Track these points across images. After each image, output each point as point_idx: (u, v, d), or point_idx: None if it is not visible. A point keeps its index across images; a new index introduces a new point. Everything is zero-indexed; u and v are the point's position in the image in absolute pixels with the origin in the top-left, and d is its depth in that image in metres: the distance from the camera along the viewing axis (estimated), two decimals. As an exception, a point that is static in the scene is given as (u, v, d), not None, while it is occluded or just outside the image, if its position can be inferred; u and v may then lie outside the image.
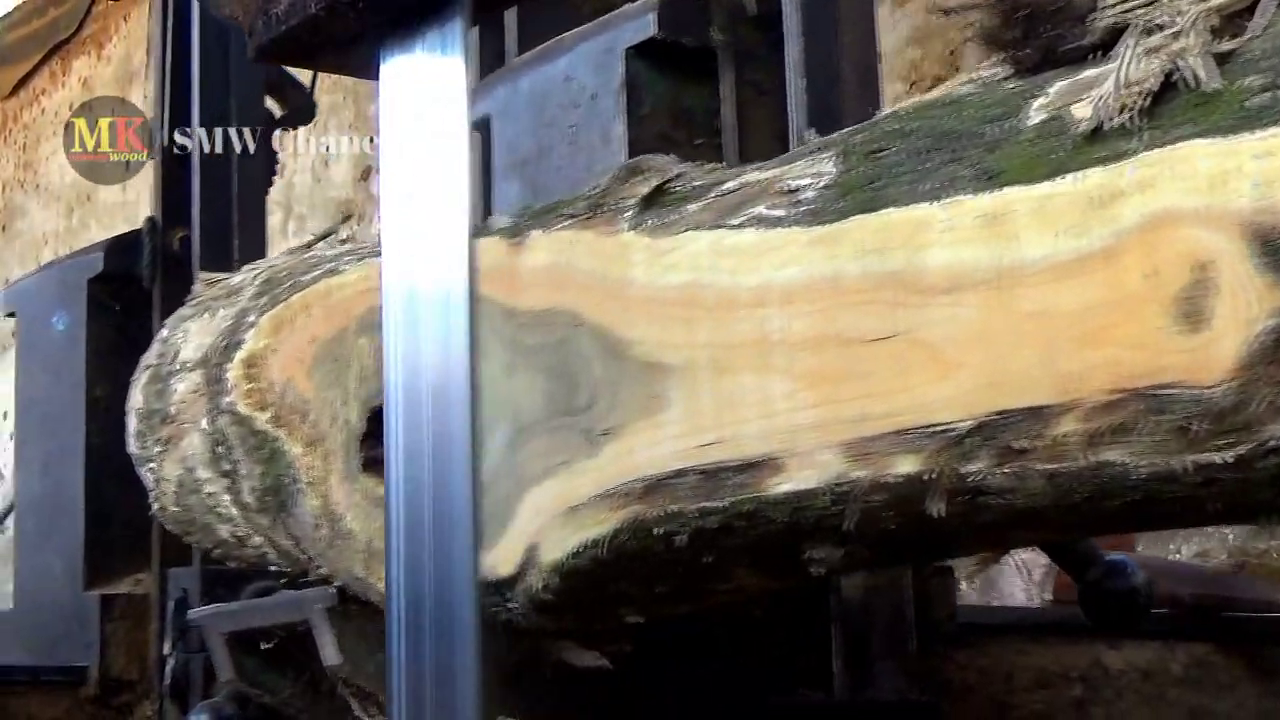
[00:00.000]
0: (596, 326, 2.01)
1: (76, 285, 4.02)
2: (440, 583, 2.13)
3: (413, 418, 2.21)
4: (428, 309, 2.23)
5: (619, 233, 2.01)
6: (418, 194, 2.33)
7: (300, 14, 2.48)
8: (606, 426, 1.99)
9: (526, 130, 3.02)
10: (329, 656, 2.48)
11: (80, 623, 3.92)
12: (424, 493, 2.21)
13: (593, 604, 2.11)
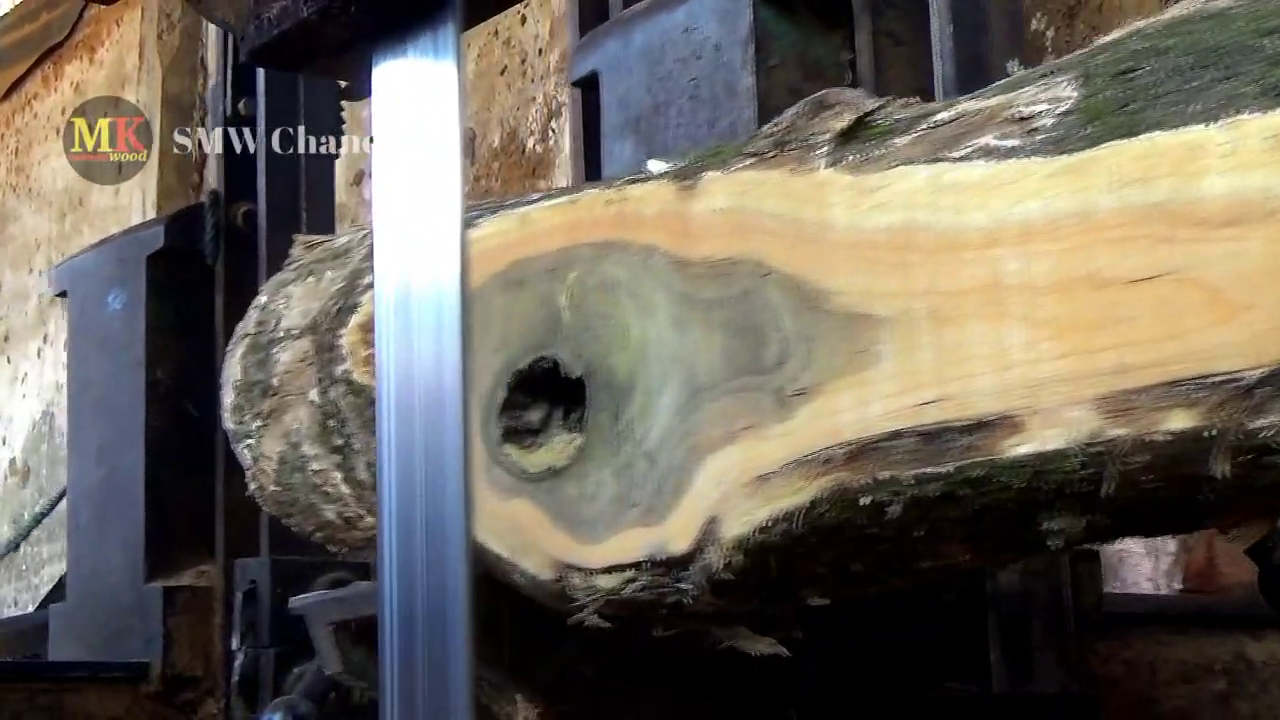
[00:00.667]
0: (787, 276, 1.82)
1: (134, 262, 3.83)
2: (433, 586, 2.13)
3: (405, 420, 2.18)
4: (421, 313, 2.20)
5: (814, 171, 1.81)
6: (410, 198, 2.29)
7: (292, 18, 2.43)
8: (801, 386, 1.79)
9: (640, 85, 2.83)
10: None
11: (141, 617, 3.72)
12: (416, 497, 2.18)
13: (777, 584, 1.91)
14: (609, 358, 2.00)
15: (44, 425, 9.08)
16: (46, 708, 3.56)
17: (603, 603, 2.00)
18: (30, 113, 9.96)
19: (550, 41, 6.14)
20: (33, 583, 8.77)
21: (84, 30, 9.38)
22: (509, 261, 2.13)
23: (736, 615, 2.00)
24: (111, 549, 3.82)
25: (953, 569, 1.92)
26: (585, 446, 2.03)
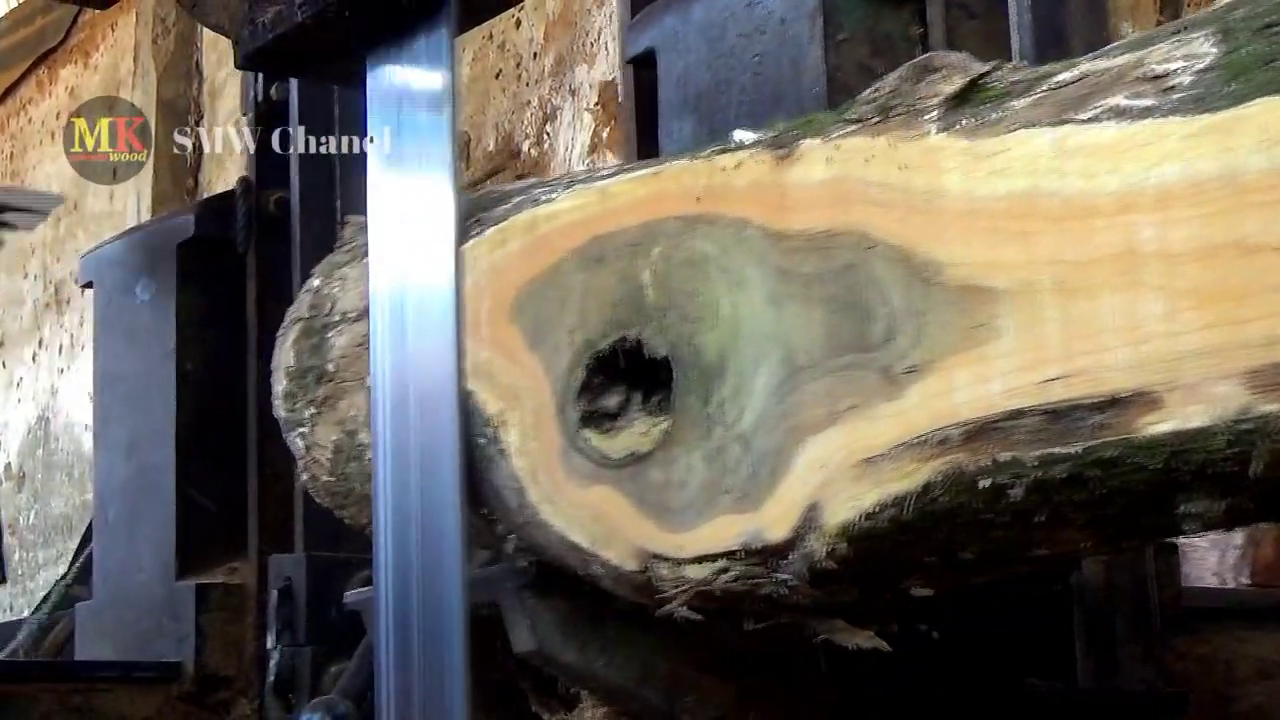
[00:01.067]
0: (895, 248, 1.72)
1: (164, 251, 3.72)
2: (428, 592, 2.23)
3: (400, 425, 2.27)
4: (415, 317, 2.29)
5: (924, 137, 1.71)
6: (405, 203, 2.37)
7: (286, 23, 2.51)
8: (912, 363, 1.69)
9: (701, 63, 2.73)
10: (520, 642, 2.19)
11: (172, 615, 3.62)
12: (412, 500, 2.28)
13: (880, 574, 1.81)
14: (697, 337, 1.91)
15: (39, 430, 8.99)
16: (77, 708, 3.46)
17: (692, 594, 1.90)
18: (25, 117, 9.89)
19: (545, 45, 6.06)
20: (28, 587, 8.67)
21: (78, 35, 9.34)
22: (588, 237, 2.04)
23: (833, 607, 1.90)
24: (141, 546, 3.72)
25: (1067, 557, 1.83)
26: (672, 430, 1.93)
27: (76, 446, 8.95)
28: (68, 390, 9.11)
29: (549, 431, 2.05)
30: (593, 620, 2.20)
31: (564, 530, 2.03)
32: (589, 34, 5.83)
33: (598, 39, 5.80)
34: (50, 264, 9.50)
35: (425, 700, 2.31)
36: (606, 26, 5.73)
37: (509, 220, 2.13)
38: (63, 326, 9.24)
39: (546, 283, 2.07)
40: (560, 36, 5.95)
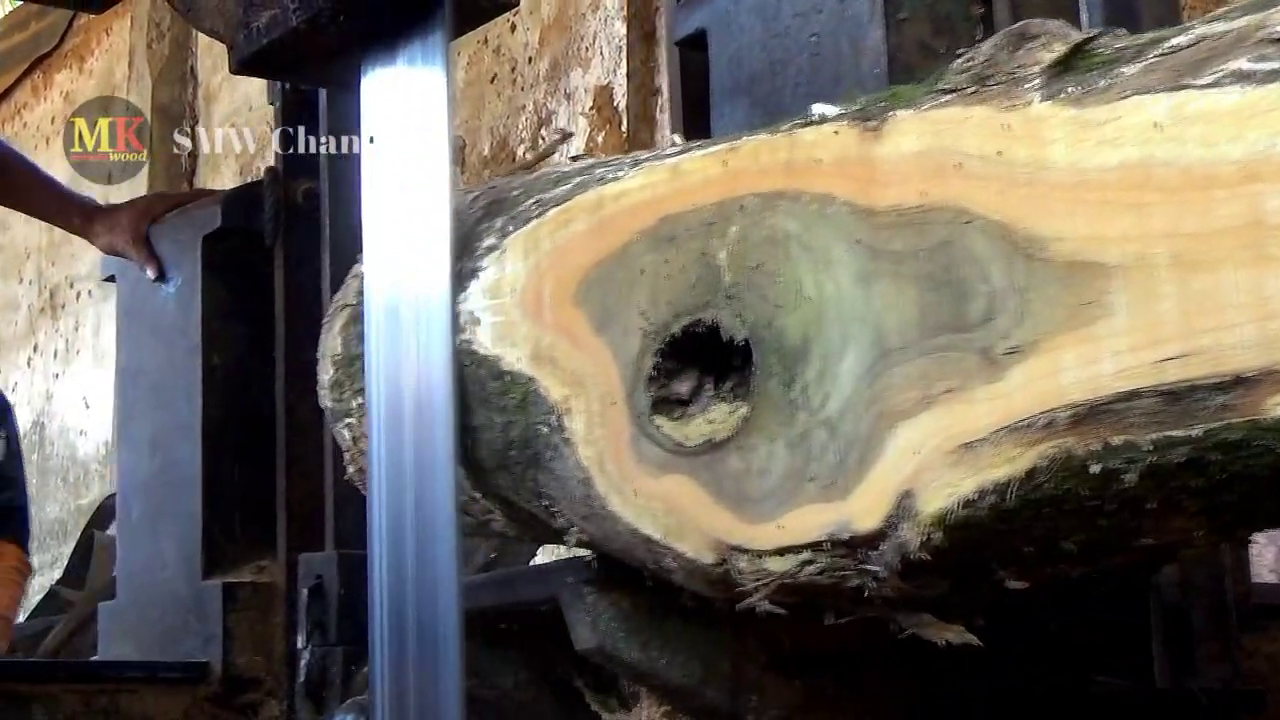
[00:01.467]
0: (994, 222, 1.64)
1: (189, 243, 3.63)
2: (422, 596, 2.23)
3: (394, 428, 2.27)
4: (410, 320, 2.28)
5: (1026, 106, 1.63)
6: (399, 207, 2.37)
7: (281, 27, 2.50)
8: (1014, 344, 1.61)
9: (755, 43, 2.64)
10: (582, 639, 2.11)
11: (199, 615, 3.53)
12: (407, 505, 2.27)
13: (974, 565, 1.74)
14: (778, 319, 1.82)
15: (34, 435, 8.93)
16: (103, 710, 3.38)
17: (774, 588, 1.82)
18: (20, 122, 9.84)
19: (540, 49, 6.00)
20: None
21: (73, 39, 9.31)
22: (658, 217, 1.96)
23: (921, 601, 1.82)
24: (166, 545, 3.63)
25: (1173, 547, 1.74)
26: (751, 416, 1.85)
27: (71, 451, 8.90)
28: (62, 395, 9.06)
29: (617, 419, 1.96)
30: (654, 617, 2.12)
31: (634, 522, 1.95)
32: (584, 38, 5.78)
33: (593, 43, 5.75)
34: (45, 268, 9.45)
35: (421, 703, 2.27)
36: (601, 31, 5.68)
37: (573, 200, 2.05)
38: (58, 331, 9.19)
39: (614, 264, 1.99)
40: (555, 41, 5.90)
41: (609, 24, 5.76)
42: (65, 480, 8.89)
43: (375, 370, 2.32)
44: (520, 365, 2.08)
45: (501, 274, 2.11)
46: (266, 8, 2.54)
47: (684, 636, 2.15)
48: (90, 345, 8.90)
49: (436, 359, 2.23)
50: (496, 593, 2.36)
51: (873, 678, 2.21)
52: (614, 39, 5.73)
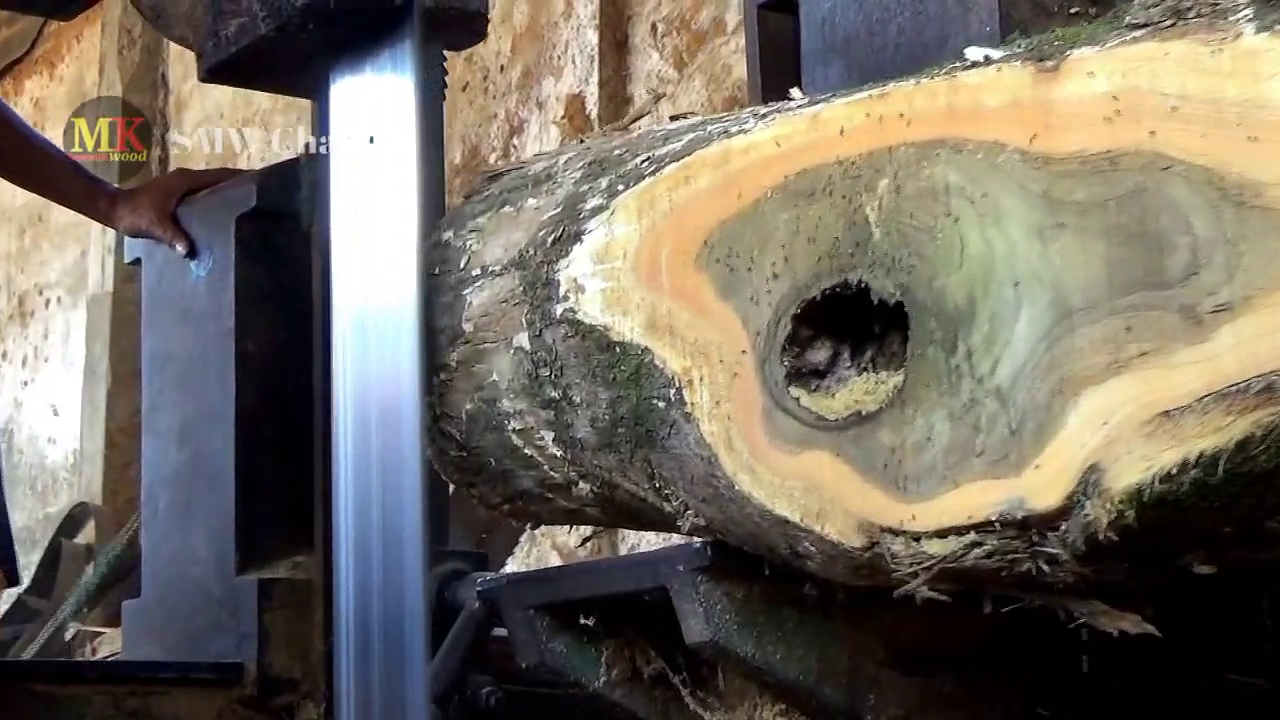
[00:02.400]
0: (1198, 167, 1.49)
1: (222, 224, 3.45)
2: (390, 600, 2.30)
3: (361, 445, 2.32)
4: (377, 330, 2.32)
5: (1236, 38, 1.47)
6: (368, 215, 2.42)
7: (250, 35, 2.53)
8: (1223, 300, 1.46)
9: (850, 2, 2.48)
10: (694, 631, 1.95)
11: (232, 612, 3.35)
12: (372, 514, 2.32)
13: (1162, 547, 1.57)
14: (937, 279, 1.67)
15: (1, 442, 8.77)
16: (133, 712, 3.20)
17: (935, 572, 1.65)
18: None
19: (512, 57, 5.89)
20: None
21: (44, 46, 9.22)
22: (794, 170, 1.80)
23: (1093, 587, 1.66)
24: (196, 539, 3.45)
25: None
26: (906, 386, 1.69)
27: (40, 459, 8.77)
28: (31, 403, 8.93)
29: (748, 391, 1.80)
30: (770, 608, 1.97)
31: (766, 502, 1.79)
32: (556, 46, 5.71)
33: (565, 51, 5.67)
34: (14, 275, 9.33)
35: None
36: (574, 39, 5.61)
37: (693, 155, 1.89)
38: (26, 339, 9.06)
39: (743, 223, 1.83)
40: (528, 49, 5.81)
41: (581, 32, 5.68)
42: (33, 489, 8.74)
43: (342, 385, 2.38)
44: (633, 335, 1.92)
45: (610, 236, 1.95)
46: (235, 16, 2.56)
47: (800, 630, 2.00)
48: (59, 353, 8.76)
49: (404, 368, 2.24)
50: (585, 583, 2.20)
51: (991, 677, 2.06)
52: (586, 47, 5.67)
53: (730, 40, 5.27)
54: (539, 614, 2.23)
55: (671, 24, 5.48)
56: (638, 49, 5.61)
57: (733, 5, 5.26)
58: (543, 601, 2.22)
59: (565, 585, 2.23)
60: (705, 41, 5.38)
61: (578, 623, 2.24)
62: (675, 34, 5.48)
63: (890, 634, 2.04)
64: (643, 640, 2.21)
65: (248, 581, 3.35)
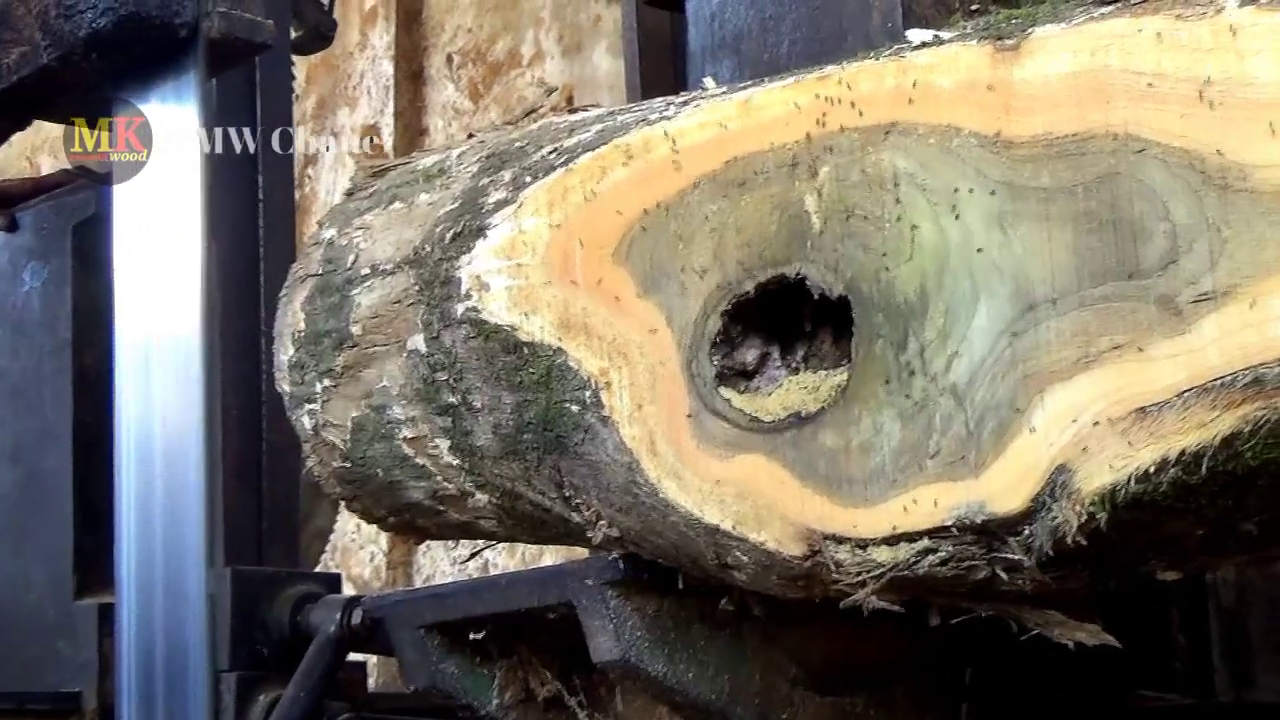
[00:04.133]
0: (1176, 150, 1.41)
1: (57, 232, 3.28)
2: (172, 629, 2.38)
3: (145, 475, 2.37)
4: (162, 361, 2.37)
5: (1215, 14, 1.40)
6: (151, 244, 2.44)
7: (31, 65, 2.51)
8: (1205, 290, 1.38)
9: (740, 0, 2.40)
10: (603, 649, 1.84)
11: (70, 639, 3.18)
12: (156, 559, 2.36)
13: (1128, 552, 1.49)
14: (885, 271, 1.58)
15: None
16: (-37, 745, 3.02)
17: (885, 581, 1.56)
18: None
19: (307, 87, 5.81)
20: None
21: None
22: (724, 159, 1.70)
23: (1050, 596, 1.57)
24: (31, 562, 3.28)
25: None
26: (851, 384, 1.59)
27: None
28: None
29: (673, 392, 1.70)
30: (680, 625, 1.86)
31: (694, 510, 1.68)
32: (351, 77, 5.66)
33: (360, 82, 5.62)
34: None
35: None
36: (369, 70, 5.56)
37: (611, 144, 1.78)
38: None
39: (668, 215, 1.72)
40: (322, 79, 5.74)
41: (377, 63, 5.63)
42: None
43: (126, 416, 2.42)
44: (543, 335, 1.80)
45: (518, 231, 1.83)
46: (16, 45, 2.53)
47: (712, 648, 1.90)
48: None
49: (190, 400, 2.29)
50: (482, 600, 2.08)
51: (905, 695, 1.97)
52: (381, 78, 5.63)
53: (526, 72, 5.23)
54: (430, 634, 2.10)
55: (467, 55, 5.43)
56: (433, 80, 5.55)
57: (527, 38, 5.22)
58: (436, 620, 2.10)
59: (460, 603, 2.10)
60: (500, 73, 5.34)
61: (470, 643, 2.11)
62: (471, 65, 5.43)
63: (802, 652, 1.95)
64: (538, 661, 2.09)
65: (86, 607, 3.19)
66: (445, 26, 5.59)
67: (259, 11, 2.67)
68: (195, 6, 2.56)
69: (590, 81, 5.06)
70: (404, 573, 5.34)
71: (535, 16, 5.27)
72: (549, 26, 5.27)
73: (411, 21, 5.63)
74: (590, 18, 5.09)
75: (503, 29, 5.42)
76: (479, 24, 5.47)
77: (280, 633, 2.93)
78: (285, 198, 3.32)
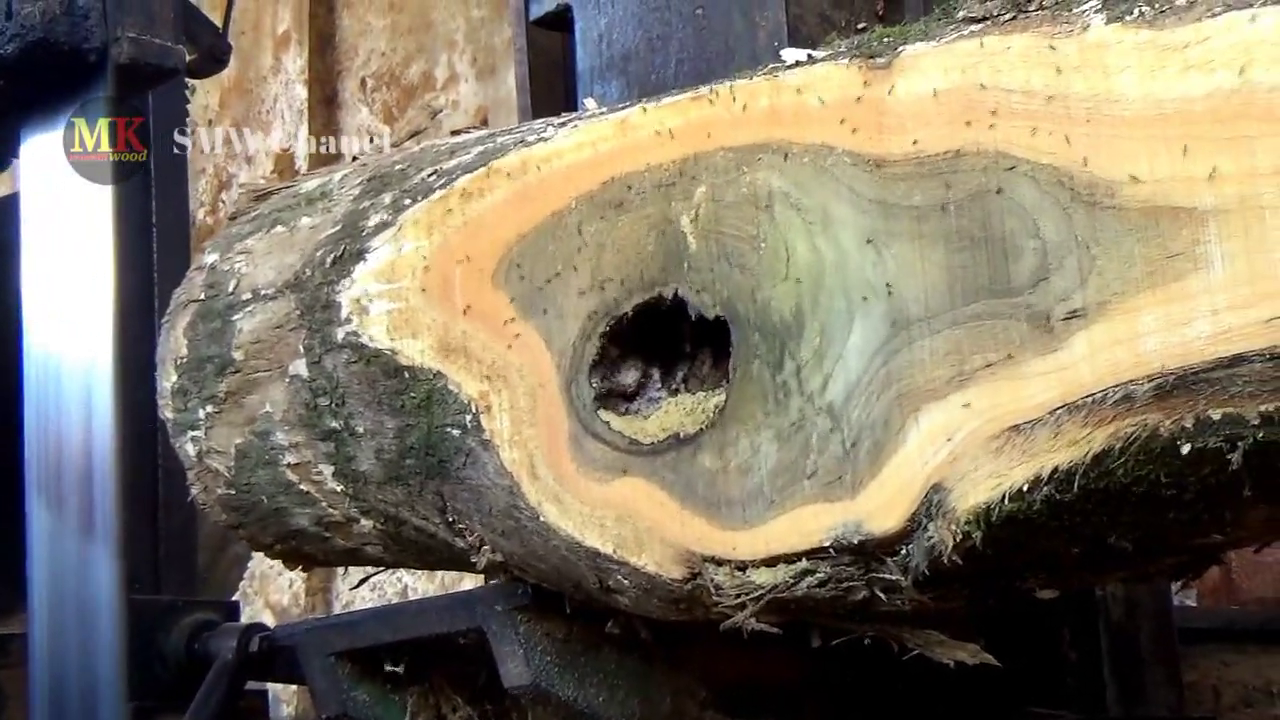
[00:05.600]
0: (1045, 167, 1.41)
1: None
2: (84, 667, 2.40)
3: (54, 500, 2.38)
4: (71, 385, 2.37)
5: (1083, 30, 1.40)
6: (61, 270, 2.44)
7: None
8: (1075, 306, 1.38)
9: (627, 18, 2.41)
10: (513, 675, 1.82)
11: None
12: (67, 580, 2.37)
13: (1004, 571, 1.49)
14: (761, 291, 1.57)
15: None
16: None
17: (763, 604, 1.55)
18: None
19: (220, 112, 5.78)
20: None
21: None
22: (601, 180, 1.69)
23: (929, 616, 1.57)
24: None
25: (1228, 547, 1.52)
26: (729, 405, 1.58)
27: None
28: None
29: (552, 415, 1.68)
30: (589, 648, 1.84)
31: (575, 534, 1.67)
32: (264, 101, 5.65)
33: (273, 106, 5.60)
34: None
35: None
36: (282, 94, 5.54)
37: (488, 166, 1.77)
38: None
39: (545, 237, 1.71)
40: (235, 103, 5.71)
41: (290, 87, 5.61)
42: None
43: (35, 444, 2.39)
44: (424, 359, 1.79)
45: (397, 254, 1.82)
46: None
47: (621, 671, 1.88)
48: None
49: (98, 424, 2.31)
50: (392, 626, 2.05)
51: (812, 713, 1.96)
52: (295, 102, 5.61)
53: (440, 95, 5.21)
54: (340, 661, 2.08)
55: (381, 79, 5.41)
56: (347, 104, 5.53)
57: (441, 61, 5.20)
58: (346, 647, 2.08)
59: (371, 629, 2.08)
60: (415, 96, 5.32)
61: (381, 670, 2.09)
62: (385, 89, 5.41)
63: (711, 674, 1.94)
64: (449, 687, 2.07)
65: (-20, 638, 3.14)
66: (359, 50, 5.56)
67: (169, 37, 2.65)
68: (104, 32, 2.54)
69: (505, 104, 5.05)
70: (323, 599, 5.30)
71: (449, 40, 5.25)
72: (462, 49, 5.25)
73: (325, 45, 5.61)
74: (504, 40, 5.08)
75: (416, 52, 5.40)
76: (392, 47, 5.45)
77: (177, 661, 2.89)
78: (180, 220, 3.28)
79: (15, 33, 2.51)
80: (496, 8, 4.97)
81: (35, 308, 2.45)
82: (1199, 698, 2.44)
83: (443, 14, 5.27)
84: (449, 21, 5.29)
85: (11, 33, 2.52)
